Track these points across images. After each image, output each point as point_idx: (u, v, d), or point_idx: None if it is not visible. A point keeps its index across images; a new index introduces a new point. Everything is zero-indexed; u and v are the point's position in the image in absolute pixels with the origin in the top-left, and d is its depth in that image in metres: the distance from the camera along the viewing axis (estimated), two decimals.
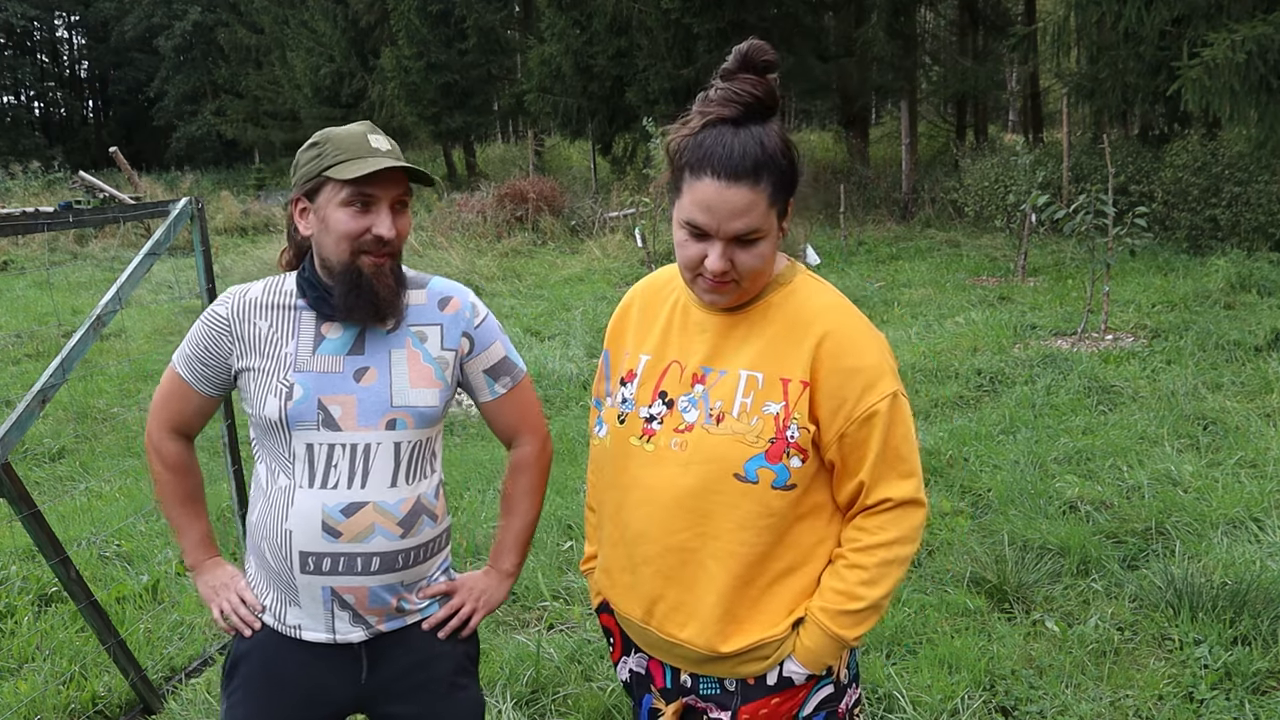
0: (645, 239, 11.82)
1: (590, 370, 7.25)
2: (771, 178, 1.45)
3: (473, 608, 1.84)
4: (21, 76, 43.80)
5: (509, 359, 1.84)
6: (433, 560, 1.79)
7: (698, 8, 16.85)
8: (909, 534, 1.55)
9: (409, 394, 1.70)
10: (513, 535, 1.91)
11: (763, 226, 1.46)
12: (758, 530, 1.51)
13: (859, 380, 1.50)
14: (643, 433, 1.60)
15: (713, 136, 1.45)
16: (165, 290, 11.62)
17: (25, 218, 3.02)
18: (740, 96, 1.46)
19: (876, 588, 1.53)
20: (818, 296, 1.57)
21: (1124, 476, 4.63)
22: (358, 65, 25.89)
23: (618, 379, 1.69)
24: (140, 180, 21.60)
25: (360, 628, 1.72)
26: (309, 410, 1.67)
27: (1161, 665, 3.11)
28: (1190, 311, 8.05)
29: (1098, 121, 16.50)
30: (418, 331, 1.74)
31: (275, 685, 1.75)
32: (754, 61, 1.48)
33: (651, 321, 1.69)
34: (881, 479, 1.53)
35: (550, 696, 3.06)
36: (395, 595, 1.73)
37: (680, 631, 1.58)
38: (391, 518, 1.69)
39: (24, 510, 2.75)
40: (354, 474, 1.67)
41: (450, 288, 1.80)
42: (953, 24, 22.56)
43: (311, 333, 1.71)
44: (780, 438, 1.50)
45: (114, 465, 5.80)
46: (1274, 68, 8.89)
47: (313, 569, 1.68)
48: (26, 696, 3.18)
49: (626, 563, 1.62)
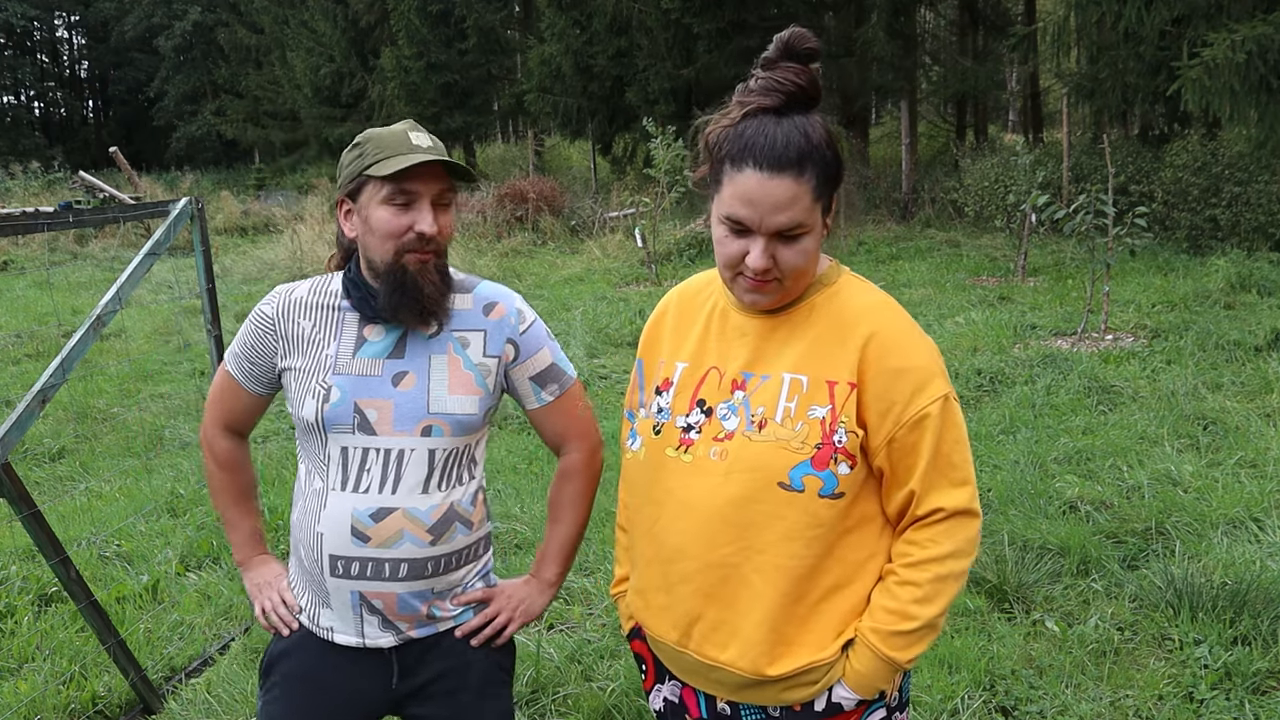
0: (645, 239, 11.82)
1: (591, 371, 7.26)
2: (816, 170, 1.38)
3: (509, 617, 1.80)
4: (21, 76, 43.80)
5: (556, 366, 1.79)
6: (468, 567, 1.76)
7: (698, 8, 16.86)
8: (964, 547, 1.46)
9: (447, 401, 1.68)
10: (557, 544, 1.86)
11: (807, 221, 1.39)
12: (805, 542, 1.42)
13: (908, 381, 1.42)
14: (680, 443, 1.51)
15: (754, 127, 1.39)
16: (165, 290, 11.62)
17: (25, 218, 3.02)
18: (783, 85, 1.40)
19: (931, 606, 1.44)
20: (862, 296, 1.50)
21: (1124, 476, 4.63)
22: (358, 65, 25.89)
23: (652, 388, 1.61)
24: (140, 180, 21.61)
25: (390, 633, 1.71)
26: (345, 413, 1.67)
27: (1161, 665, 3.11)
28: (1190, 311, 8.05)
29: (1098, 121, 16.50)
30: (460, 337, 1.71)
31: (310, 686, 1.75)
32: (796, 50, 1.42)
33: (688, 328, 1.61)
34: (933, 487, 1.44)
35: (550, 696, 3.06)
36: (425, 602, 1.71)
37: (720, 653, 1.47)
38: (421, 524, 1.67)
39: (24, 510, 2.75)
40: (385, 479, 1.66)
41: (497, 292, 1.77)
42: (953, 24, 22.56)
43: (354, 335, 1.71)
44: (827, 443, 1.41)
45: (114, 465, 5.80)
46: (1274, 68, 8.89)
47: (342, 573, 1.68)
48: (26, 696, 3.18)
49: (662, 582, 1.53)
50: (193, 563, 4.30)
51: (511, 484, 4.95)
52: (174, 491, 5.17)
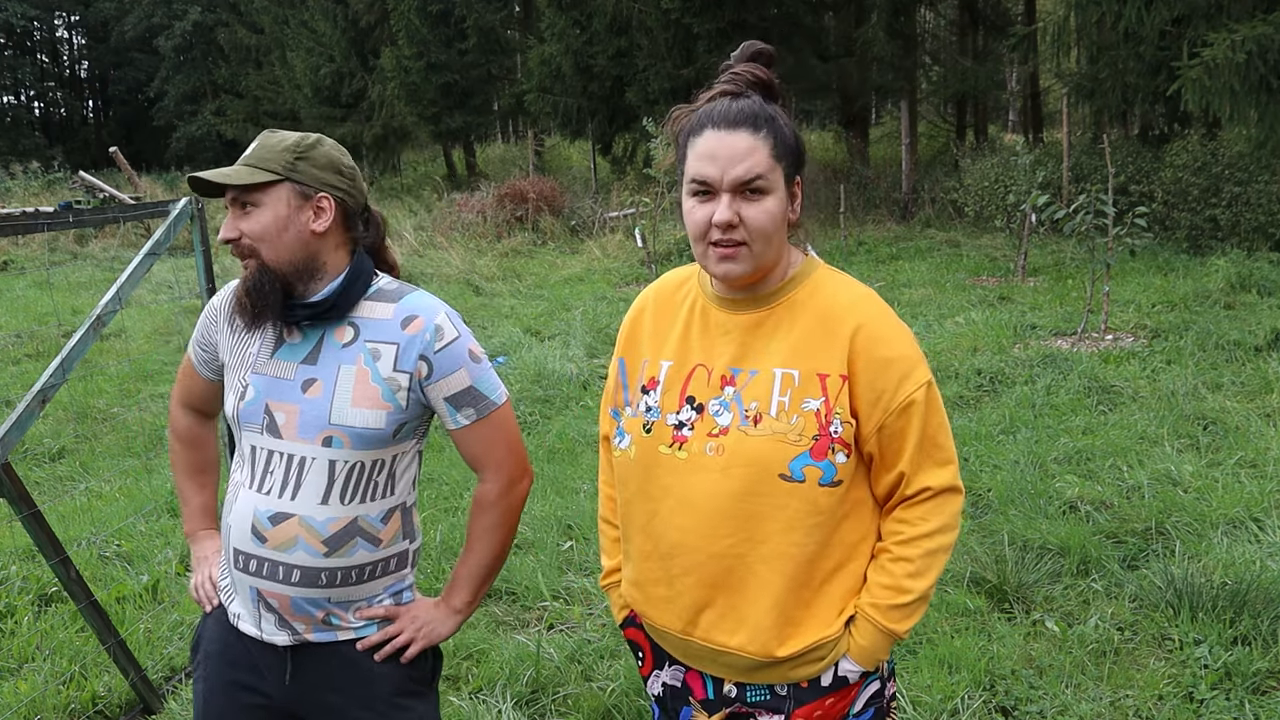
0: (645, 239, 11.82)
1: (590, 370, 7.25)
2: (773, 133, 1.46)
3: (410, 637, 1.76)
4: (21, 76, 43.78)
5: (474, 389, 1.73)
6: (374, 582, 1.74)
7: (698, 8, 16.85)
8: (950, 521, 1.55)
9: (348, 413, 1.66)
10: (465, 572, 1.82)
11: (766, 175, 1.46)
12: (806, 530, 1.49)
13: (895, 370, 1.50)
14: (673, 440, 1.55)
15: (713, 103, 1.50)
16: (165, 290, 11.63)
17: (25, 218, 3.02)
18: (741, 77, 1.51)
19: (924, 579, 1.53)
20: (845, 289, 1.56)
21: (1124, 476, 4.63)
22: (358, 65, 25.87)
23: (637, 387, 1.64)
24: (140, 180, 21.60)
25: (285, 632, 1.72)
26: (256, 413, 1.70)
27: (1161, 665, 3.11)
28: (1190, 311, 8.05)
29: (1098, 121, 16.50)
30: (373, 348, 1.68)
31: (226, 667, 1.79)
32: (752, 54, 1.54)
33: (668, 326, 1.65)
34: (920, 468, 1.53)
35: (550, 696, 3.06)
36: (322, 610, 1.70)
37: (730, 639, 1.54)
38: (316, 534, 1.66)
39: (24, 510, 2.75)
40: (286, 484, 1.67)
41: (419, 305, 1.72)
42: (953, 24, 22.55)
43: (274, 336, 1.73)
44: (824, 434, 1.48)
45: (114, 465, 5.80)
46: (1274, 68, 8.89)
47: (242, 567, 1.71)
48: (26, 696, 3.18)
49: (661, 575, 1.58)
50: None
51: None
52: (174, 491, 5.16)
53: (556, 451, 5.53)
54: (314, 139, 1.72)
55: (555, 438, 5.75)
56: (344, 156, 1.74)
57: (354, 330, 1.70)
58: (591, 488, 4.86)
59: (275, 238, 1.66)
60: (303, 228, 1.67)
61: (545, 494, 4.80)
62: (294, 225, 1.67)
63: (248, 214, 1.67)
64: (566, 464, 5.28)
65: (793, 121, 1.50)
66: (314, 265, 1.70)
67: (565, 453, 5.48)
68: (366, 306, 1.72)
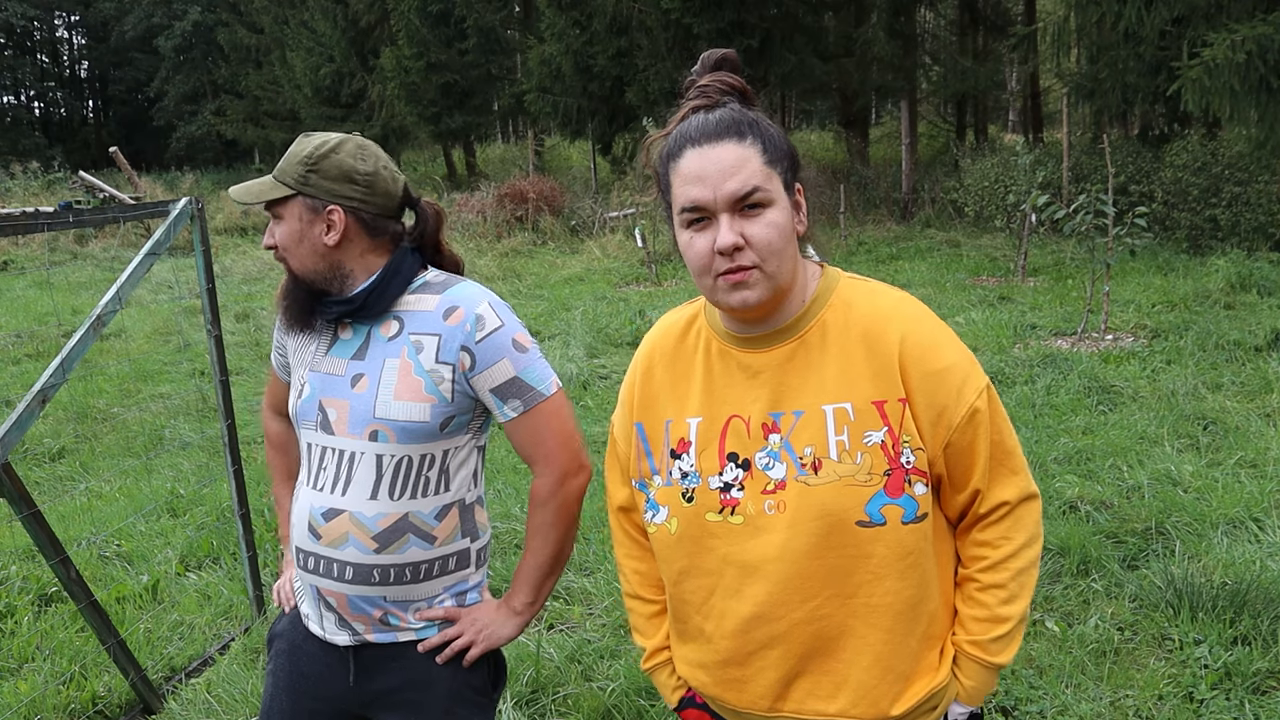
0: (645, 239, 11.82)
1: (590, 371, 7.25)
2: (759, 138, 1.31)
3: (470, 639, 1.73)
4: (21, 76, 43.80)
5: (519, 380, 1.68)
6: (433, 582, 1.71)
7: (698, 8, 16.85)
8: (1035, 531, 1.41)
9: (391, 406, 1.64)
10: (525, 572, 1.78)
11: (764, 186, 1.29)
12: (899, 574, 1.34)
13: (952, 380, 1.35)
14: (723, 505, 1.38)
15: (685, 122, 1.36)
16: (165, 290, 11.63)
17: (25, 218, 3.02)
18: (710, 88, 1.37)
19: (1019, 602, 1.39)
20: (874, 299, 1.39)
21: (1124, 476, 4.63)
22: (358, 65, 25.88)
23: (664, 453, 1.45)
24: (140, 180, 21.59)
25: (346, 632, 1.72)
26: (311, 410, 1.71)
27: (1161, 665, 3.11)
28: (1190, 311, 8.05)
29: (1098, 121, 16.51)
30: (416, 340, 1.67)
31: (295, 666, 1.80)
32: (715, 62, 1.40)
33: (685, 378, 1.47)
34: (995, 481, 1.38)
35: (550, 696, 3.06)
36: (378, 609, 1.69)
37: (829, 706, 1.38)
38: (365, 530, 1.65)
39: (24, 510, 2.75)
40: (338, 480, 1.67)
41: (461, 296, 1.69)
42: (953, 24, 22.57)
43: (330, 333, 1.74)
44: (896, 467, 1.32)
45: (114, 465, 5.80)
46: (1274, 68, 8.89)
47: (303, 565, 1.72)
48: (26, 696, 3.18)
49: (736, 655, 1.41)
50: (193, 563, 4.30)
51: (511, 484, 4.95)
52: (174, 491, 5.17)
53: None
54: (331, 145, 1.68)
55: None
56: (360, 162, 1.68)
57: (399, 324, 1.69)
58: (591, 488, 4.86)
59: (295, 249, 1.69)
60: (316, 240, 1.68)
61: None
62: (308, 238, 1.68)
63: (278, 223, 1.70)
64: None
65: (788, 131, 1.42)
66: (338, 273, 1.70)
67: None
68: (412, 300, 1.70)
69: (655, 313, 9.03)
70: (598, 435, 5.74)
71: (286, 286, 1.75)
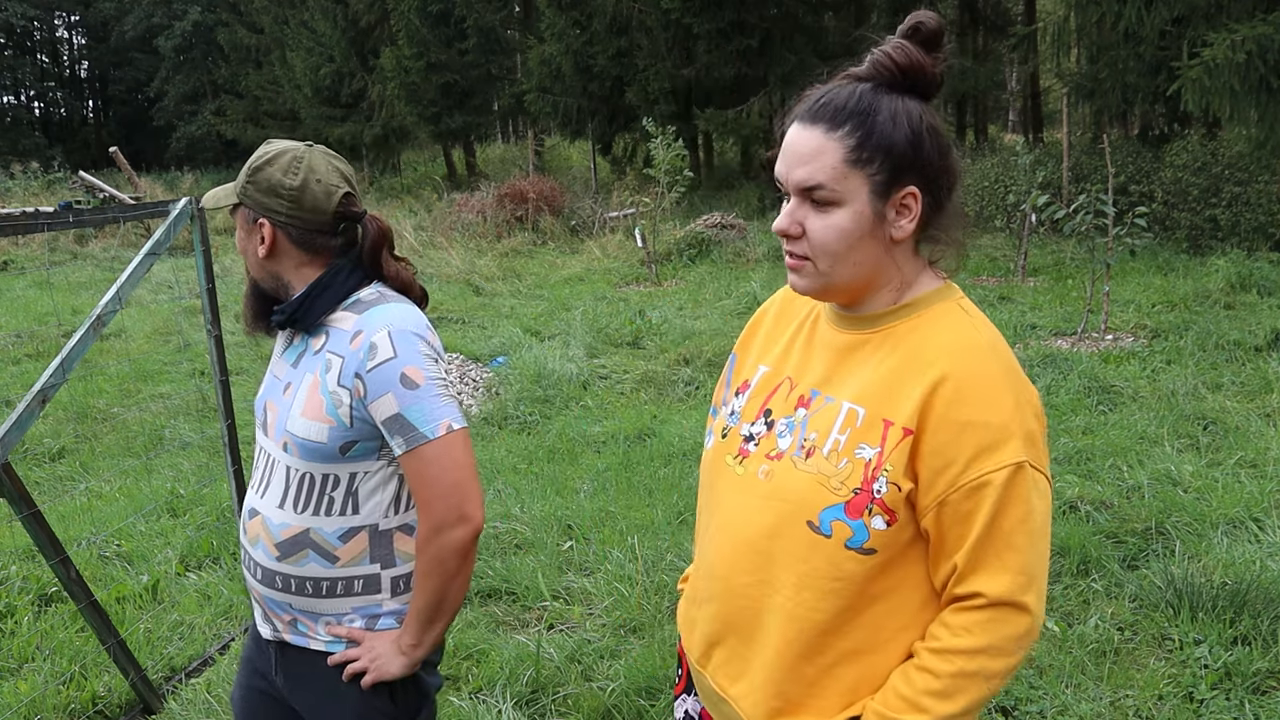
0: (645, 239, 11.82)
1: (590, 371, 7.25)
2: (858, 131, 1.24)
3: (364, 666, 1.68)
4: (21, 76, 43.78)
5: (401, 417, 1.59)
6: (338, 600, 1.68)
7: (698, 8, 16.86)
8: (1001, 644, 1.23)
9: (297, 421, 1.65)
10: (410, 613, 1.68)
11: (830, 185, 1.24)
12: (820, 593, 1.27)
13: (974, 438, 1.22)
14: (738, 452, 1.40)
15: (816, 89, 1.30)
16: (165, 290, 11.62)
17: (25, 218, 3.02)
18: (877, 59, 1.28)
19: (948, 702, 1.23)
20: (954, 332, 1.29)
21: (1124, 476, 4.63)
22: (358, 65, 25.88)
23: (734, 388, 1.50)
24: (140, 180, 21.59)
25: (268, 626, 1.78)
26: (259, 408, 1.80)
27: (1161, 665, 3.11)
28: (1190, 311, 8.05)
29: (1098, 121, 16.50)
30: (328, 359, 1.66)
31: (247, 649, 1.89)
32: (912, 28, 1.29)
33: (782, 330, 1.49)
34: (980, 567, 1.23)
35: (550, 696, 3.06)
36: (288, 613, 1.72)
37: (731, 686, 1.37)
38: (271, 537, 1.69)
39: (24, 510, 2.75)
40: (263, 481, 1.74)
41: (369, 320, 1.63)
42: (953, 24, 22.53)
43: (288, 336, 1.81)
44: (865, 490, 1.25)
45: (114, 465, 5.80)
46: (1274, 68, 8.89)
47: (241, 558, 1.80)
48: (26, 696, 3.18)
49: (696, 595, 1.45)
50: (193, 563, 4.30)
51: (511, 484, 4.95)
52: (174, 491, 5.17)
53: (556, 451, 5.53)
54: (268, 157, 1.68)
55: (555, 438, 5.75)
56: (288, 177, 1.65)
57: (325, 338, 1.69)
58: (591, 487, 4.87)
59: (244, 256, 1.77)
60: (254, 251, 1.73)
61: (545, 494, 4.80)
62: (250, 247, 1.74)
63: (241, 231, 1.78)
64: (566, 464, 5.28)
65: (922, 116, 1.28)
66: (279, 283, 1.74)
67: (565, 453, 5.48)
68: (339, 316, 1.69)
69: (655, 313, 9.03)
70: (598, 435, 5.74)
71: (247, 289, 1.82)
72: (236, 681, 1.90)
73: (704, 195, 17.93)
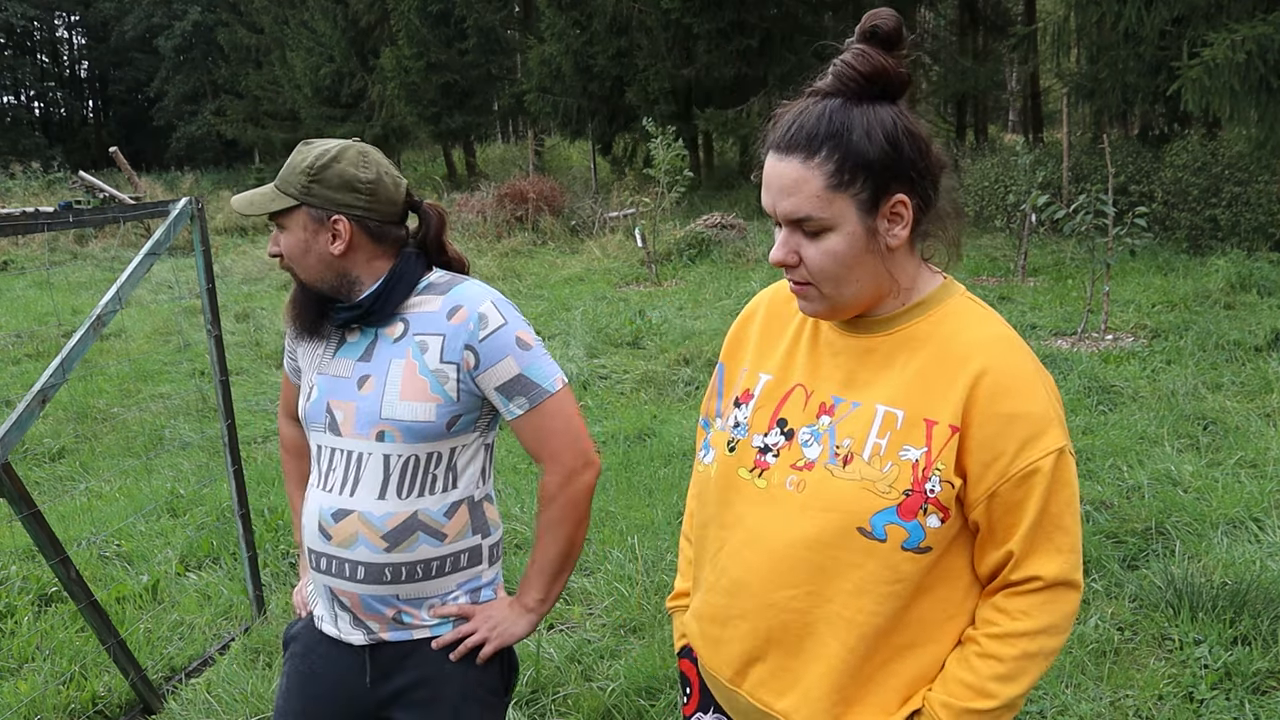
0: (645, 239, 11.82)
1: (590, 371, 7.25)
2: (835, 154, 1.23)
3: (484, 636, 1.74)
4: (21, 76, 43.80)
5: (524, 377, 1.69)
6: (445, 578, 1.73)
7: (698, 8, 16.87)
8: (1059, 622, 1.29)
9: (397, 406, 1.66)
10: (535, 569, 1.79)
11: (818, 214, 1.25)
12: (879, 597, 1.27)
13: (1020, 429, 1.25)
14: (754, 465, 1.37)
15: (783, 113, 1.29)
16: (165, 290, 11.63)
17: (25, 218, 3.02)
18: (840, 70, 1.26)
19: (1013, 684, 1.27)
20: (978, 326, 1.32)
21: (1124, 476, 4.62)
22: (358, 65, 25.90)
23: (731, 398, 1.47)
24: (140, 180, 21.59)
25: (360, 631, 1.73)
26: (319, 412, 1.73)
27: (1161, 665, 3.11)
28: (1190, 311, 8.05)
29: (1098, 121, 16.51)
30: (420, 341, 1.69)
31: (310, 667, 1.81)
32: (869, 31, 1.27)
33: (776, 336, 1.47)
34: (1034, 551, 1.28)
35: (550, 696, 3.06)
36: (392, 607, 1.71)
37: (778, 701, 1.35)
38: (375, 530, 1.67)
39: (24, 510, 2.75)
40: (346, 480, 1.69)
41: (464, 295, 1.71)
42: (953, 24, 22.55)
43: (337, 336, 1.76)
44: (918, 490, 1.26)
45: (114, 465, 5.80)
46: (1274, 68, 8.89)
47: (314, 565, 1.74)
48: (26, 696, 3.18)
49: (720, 614, 1.40)
50: (193, 563, 4.30)
51: (511, 484, 4.95)
52: (174, 491, 5.17)
53: None
54: (333, 154, 1.69)
55: None
56: (362, 170, 1.69)
57: (404, 325, 1.70)
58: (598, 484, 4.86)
59: (302, 259, 1.70)
60: (323, 250, 1.69)
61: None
62: (314, 248, 1.69)
63: (283, 232, 1.71)
64: None
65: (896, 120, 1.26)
66: (346, 280, 1.71)
67: None
68: (416, 301, 1.72)
69: (655, 313, 9.03)
70: (598, 435, 5.74)
71: (296, 295, 1.77)
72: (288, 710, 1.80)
73: (704, 195, 17.94)
